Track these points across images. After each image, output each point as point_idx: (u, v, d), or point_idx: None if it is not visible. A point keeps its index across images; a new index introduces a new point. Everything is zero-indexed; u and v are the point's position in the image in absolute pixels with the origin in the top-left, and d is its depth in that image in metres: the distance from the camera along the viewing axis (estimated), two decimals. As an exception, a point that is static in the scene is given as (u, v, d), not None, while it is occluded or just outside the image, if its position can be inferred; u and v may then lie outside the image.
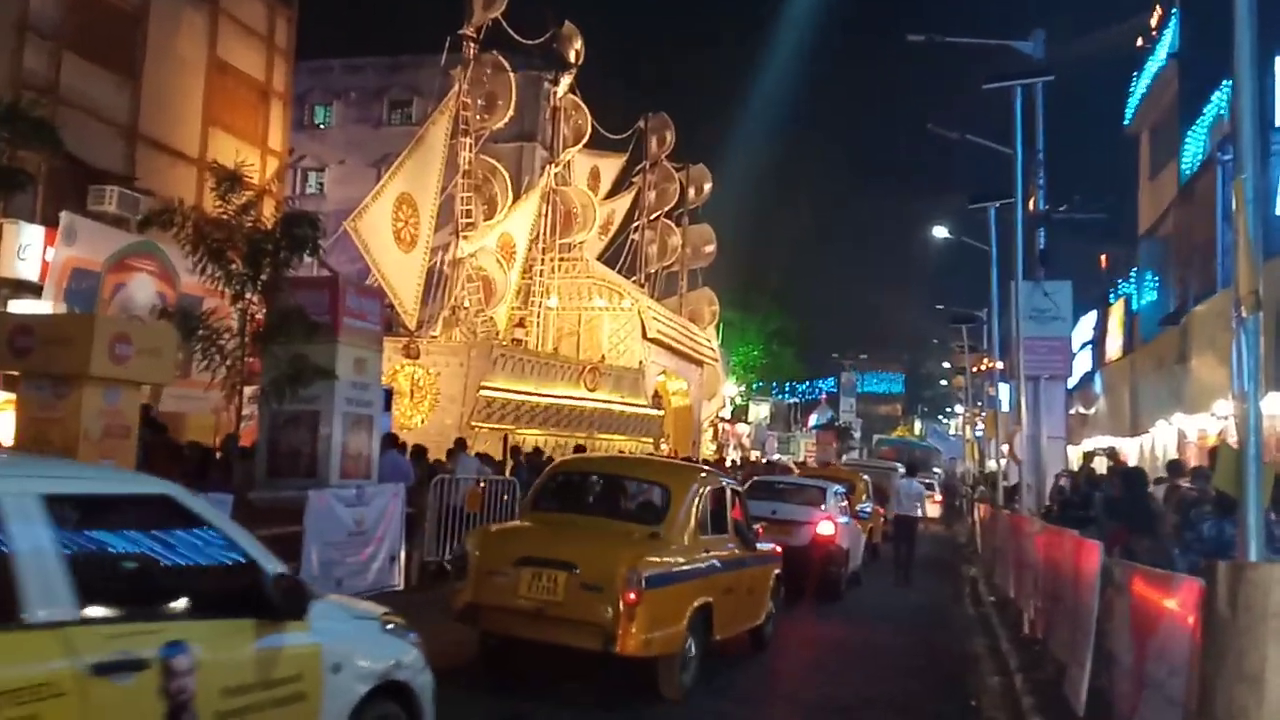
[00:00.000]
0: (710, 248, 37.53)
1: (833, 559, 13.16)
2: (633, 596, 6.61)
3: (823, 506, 13.59)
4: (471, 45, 23.79)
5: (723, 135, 49.77)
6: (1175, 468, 10.99)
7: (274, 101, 20.56)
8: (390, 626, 4.57)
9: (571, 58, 27.78)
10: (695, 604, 7.25)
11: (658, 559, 7.01)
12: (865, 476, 19.71)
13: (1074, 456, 21.40)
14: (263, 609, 3.72)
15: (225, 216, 9.69)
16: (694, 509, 7.62)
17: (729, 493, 8.40)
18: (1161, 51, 24.64)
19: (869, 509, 18.00)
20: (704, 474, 8.40)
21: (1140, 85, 26.78)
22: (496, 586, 6.90)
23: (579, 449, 19.96)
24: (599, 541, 7.16)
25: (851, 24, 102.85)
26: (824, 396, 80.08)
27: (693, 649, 7.27)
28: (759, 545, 8.91)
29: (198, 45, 18.48)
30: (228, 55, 19.17)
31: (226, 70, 19.19)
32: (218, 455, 11.43)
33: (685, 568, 7.30)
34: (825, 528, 13.17)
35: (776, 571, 9.36)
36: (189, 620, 3.49)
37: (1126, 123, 28.39)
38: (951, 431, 68.36)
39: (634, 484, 8.60)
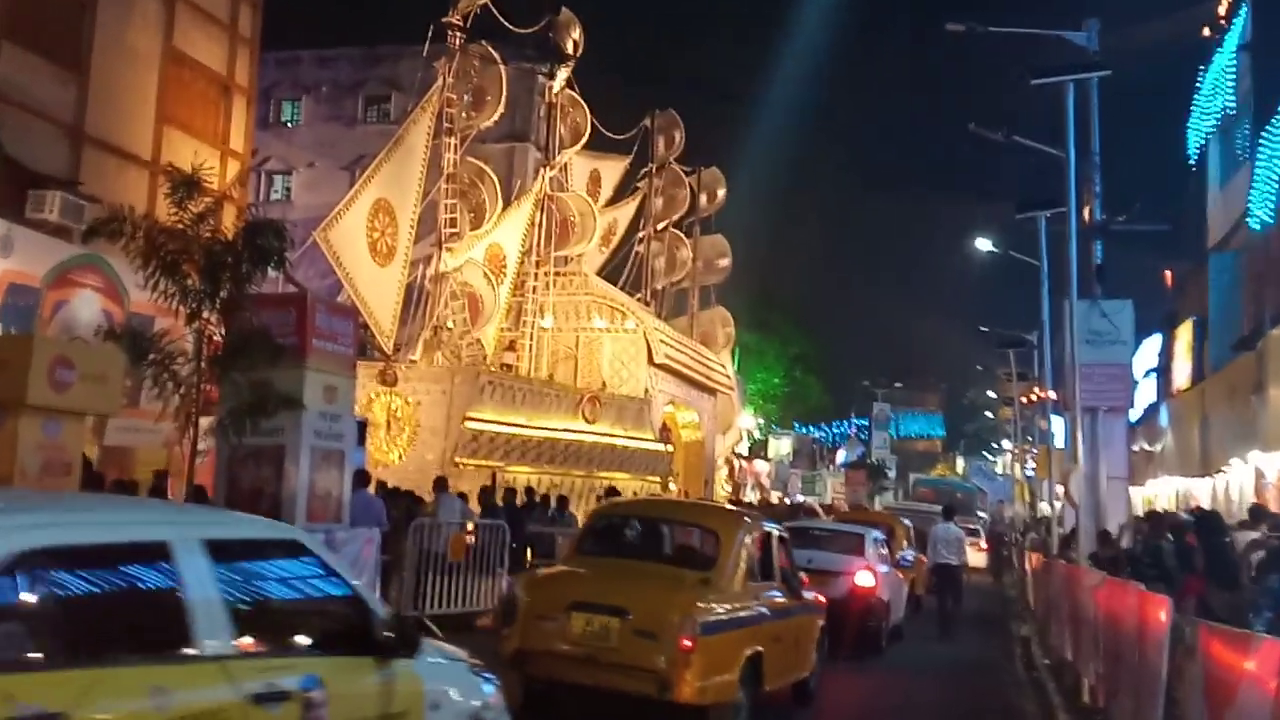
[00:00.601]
0: (724, 261, 37.63)
1: (873, 611, 13.55)
2: (688, 643, 7.24)
3: (861, 555, 14.02)
4: (457, 34, 23.98)
5: (737, 136, 50.29)
6: (1257, 514, 10.93)
7: (236, 97, 20.71)
8: (475, 668, 5.20)
9: (569, 48, 27.99)
10: (747, 652, 7.85)
11: (711, 605, 7.69)
12: (906, 521, 20.26)
13: (1137, 499, 21.29)
14: (377, 646, 4.47)
15: (180, 226, 9.73)
16: (743, 555, 8.33)
17: (775, 538, 9.12)
18: (1231, 42, 24.77)
19: (911, 556, 18.42)
20: (750, 518, 9.21)
21: (1208, 80, 26.90)
22: (546, 631, 7.56)
23: (612, 491, 20.20)
24: (651, 587, 7.83)
25: (879, 12, 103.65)
26: (853, 430, 79.98)
27: (744, 699, 7.82)
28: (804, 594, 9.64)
29: (151, 35, 18.65)
30: (185, 45, 19.33)
31: (184, 62, 19.35)
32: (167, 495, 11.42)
33: (739, 615, 7.99)
34: (864, 578, 13.59)
35: (821, 622, 10.05)
36: (318, 656, 4.24)
37: (1192, 123, 28.50)
38: (998, 470, 68.29)
39: (681, 528, 9.37)
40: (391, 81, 34.43)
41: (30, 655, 3.29)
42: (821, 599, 10.25)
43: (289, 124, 36.75)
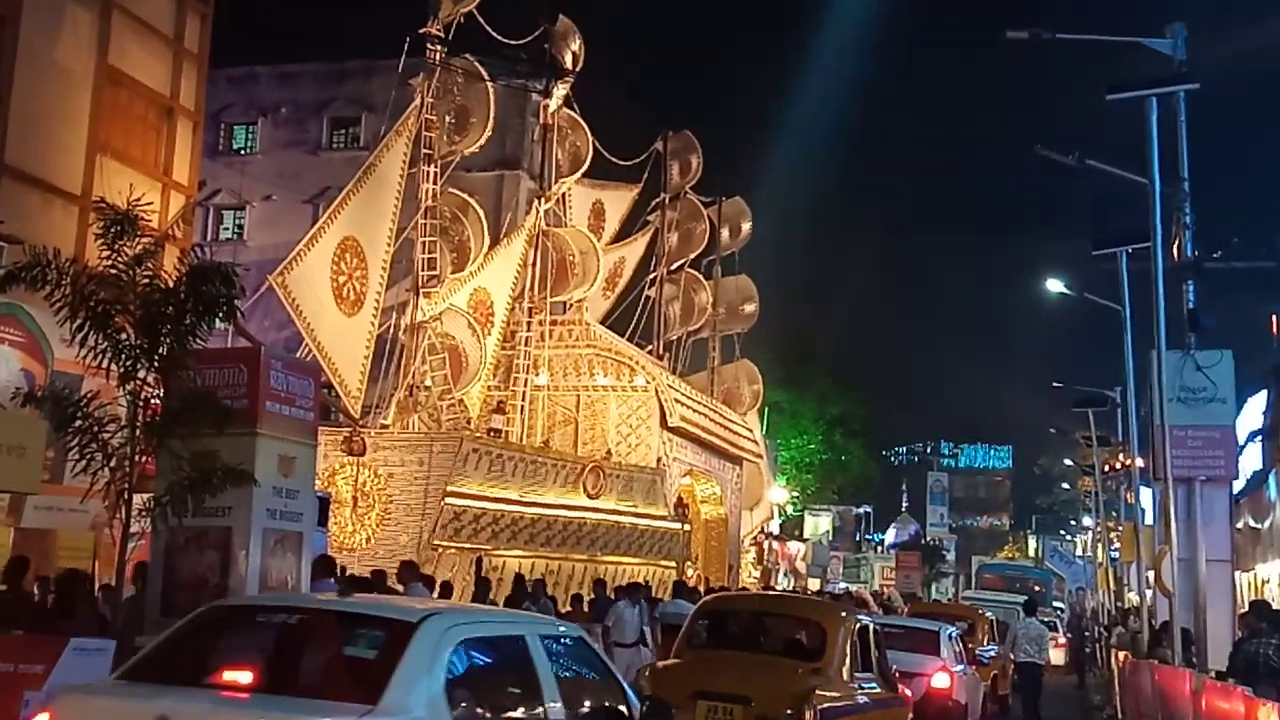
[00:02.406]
0: (750, 307, 37.73)
1: (949, 716, 14.54)
2: None
3: (937, 654, 15.02)
4: (437, 47, 24.32)
5: (764, 161, 50.69)
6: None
7: (181, 121, 21.01)
8: None
9: (568, 61, 28.35)
10: None
11: (828, 693, 9.45)
12: (989, 614, 21.72)
13: (1243, 585, 21.09)
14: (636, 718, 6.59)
15: (114, 271, 9.81)
16: (848, 646, 10.17)
17: (872, 631, 10.92)
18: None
19: (992, 652, 19.63)
20: (849, 610, 11.72)
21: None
22: None
23: (680, 586, 20.46)
24: (769, 676, 9.75)
25: (925, 22, 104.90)
26: (905, 505, 79.64)
27: None
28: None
29: (83, 50, 18.95)
30: (122, 63, 19.64)
31: (120, 82, 19.64)
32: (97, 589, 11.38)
33: (848, 703, 9.76)
34: (941, 680, 14.62)
35: (910, 717, 11.76)
36: None
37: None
38: (1077, 552, 67.76)
39: (787, 621, 11.30)
40: (361, 101, 34.85)
41: (463, 706, 5.57)
42: (908, 693, 11.86)
43: (242, 151, 37.20)
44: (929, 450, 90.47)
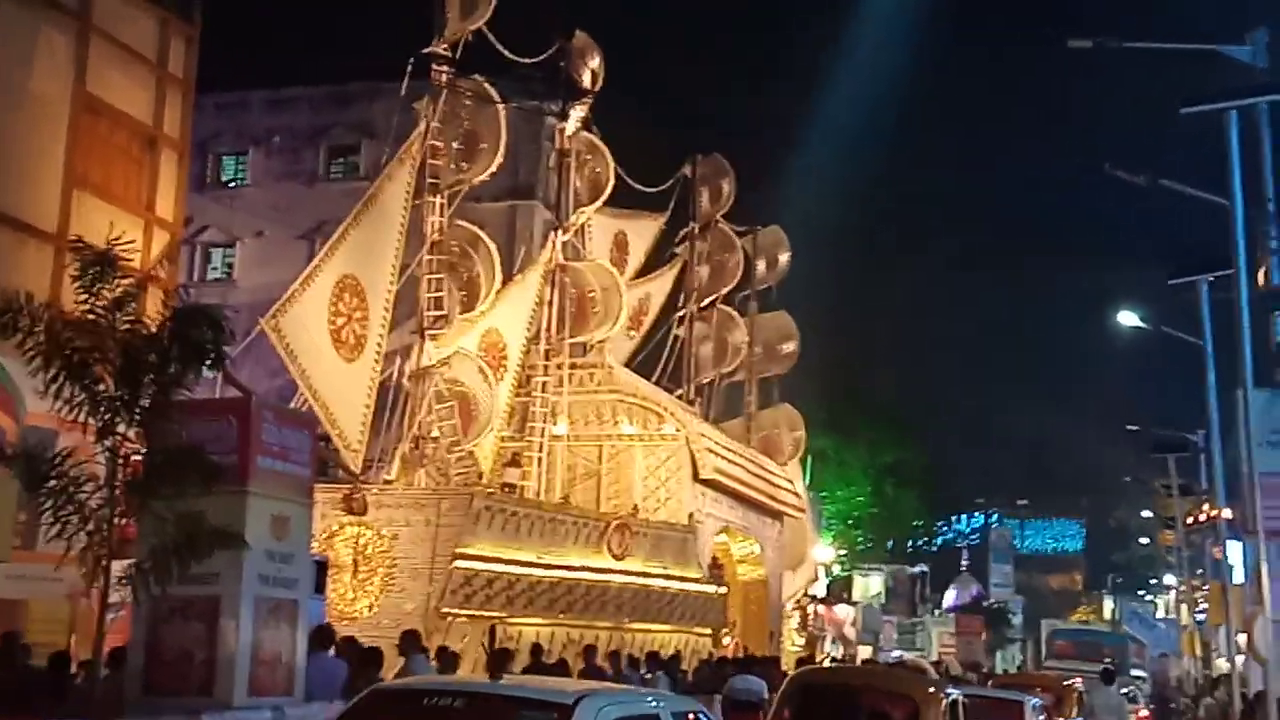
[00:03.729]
0: (790, 346, 37.67)
1: None
2: None
3: None
4: (444, 68, 24.51)
5: (803, 187, 50.45)
6: None
7: (165, 152, 21.21)
8: None
9: (586, 81, 28.49)
10: None
11: None
12: (1077, 685, 22.12)
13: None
14: None
15: (92, 316, 9.88)
16: None
17: (960, 703, 11.93)
18: None
19: None
20: (940, 683, 12.94)
21: None
22: None
23: (750, 661, 21.29)
24: None
25: (974, 32, 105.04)
26: (965, 563, 79.03)
27: None
28: None
29: (59, 77, 19.18)
30: (101, 89, 19.87)
31: (99, 110, 19.87)
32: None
33: None
34: None
35: None
36: None
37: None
38: (1159, 614, 67.11)
39: (878, 695, 12.00)
40: (362, 128, 35.19)
41: None
42: None
43: (232, 184, 37.58)
44: (990, 502, 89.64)
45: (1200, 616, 40.26)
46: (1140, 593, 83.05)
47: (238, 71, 33.34)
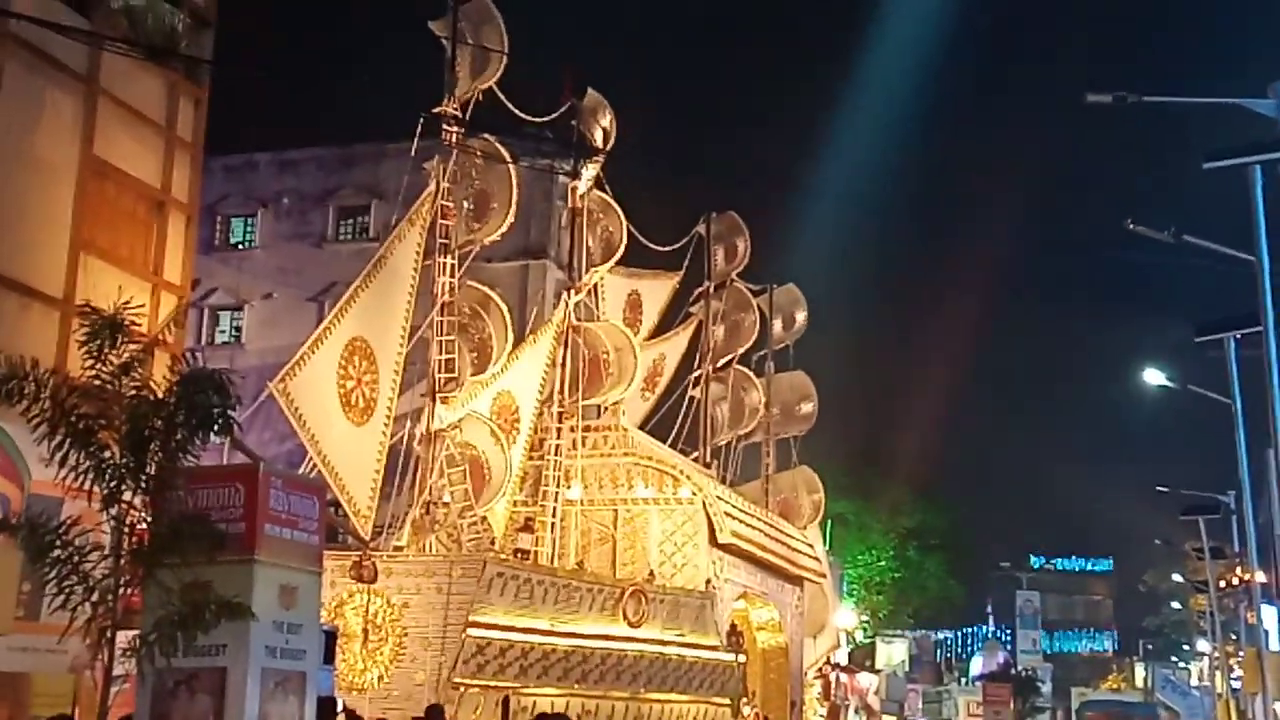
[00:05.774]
0: (808, 407, 37.62)
1: None
2: None
3: None
4: (454, 127, 24.72)
5: (819, 245, 50.73)
6: None
7: (173, 215, 21.34)
8: None
9: (598, 139, 28.72)
10: None
11: None
12: None
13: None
14: None
15: (98, 382, 9.93)
16: None
17: None
18: None
19: None
20: None
21: None
22: None
23: None
24: None
25: (992, 87, 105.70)
26: (992, 628, 78.35)
27: None
28: None
29: (66, 139, 19.34)
30: (109, 153, 20.03)
31: (106, 174, 20.02)
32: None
33: None
34: None
35: None
36: None
37: None
38: (1192, 681, 66.36)
39: None
40: (371, 188, 35.46)
41: None
42: None
43: (240, 246, 37.80)
44: (1015, 567, 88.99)
45: (1235, 684, 39.81)
46: (1173, 659, 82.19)
47: (246, 133, 33.75)
